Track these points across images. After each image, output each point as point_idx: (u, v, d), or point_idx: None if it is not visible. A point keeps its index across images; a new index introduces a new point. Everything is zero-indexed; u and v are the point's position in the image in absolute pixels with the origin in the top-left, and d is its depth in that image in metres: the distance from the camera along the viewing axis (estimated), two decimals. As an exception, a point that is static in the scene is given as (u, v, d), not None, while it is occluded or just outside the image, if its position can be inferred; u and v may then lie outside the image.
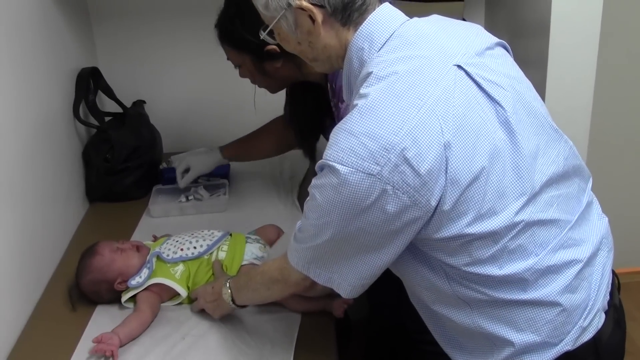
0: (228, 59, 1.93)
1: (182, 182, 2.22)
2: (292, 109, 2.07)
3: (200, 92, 2.60)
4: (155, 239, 1.91)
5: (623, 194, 3.02)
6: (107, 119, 2.35)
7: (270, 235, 1.88)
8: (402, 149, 1.10)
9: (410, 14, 1.37)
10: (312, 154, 2.12)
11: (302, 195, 2.13)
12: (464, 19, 2.41)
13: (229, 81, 2.50)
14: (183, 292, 1.68)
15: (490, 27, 2.52)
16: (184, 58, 2.55)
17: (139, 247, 1.76)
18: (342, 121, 1.17)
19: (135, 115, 2.40)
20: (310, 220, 1.23)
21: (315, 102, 1.94)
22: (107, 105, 2.44)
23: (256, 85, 1.98)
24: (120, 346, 1.54)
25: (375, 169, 1.11)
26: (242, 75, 1.96)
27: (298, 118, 2.05)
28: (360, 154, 1.11)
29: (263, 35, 1.37)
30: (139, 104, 2.49)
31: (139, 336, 1.59)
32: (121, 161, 2.23)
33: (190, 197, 2.22)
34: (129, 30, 2.50)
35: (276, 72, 1.82)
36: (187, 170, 2.24)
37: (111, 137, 2.24)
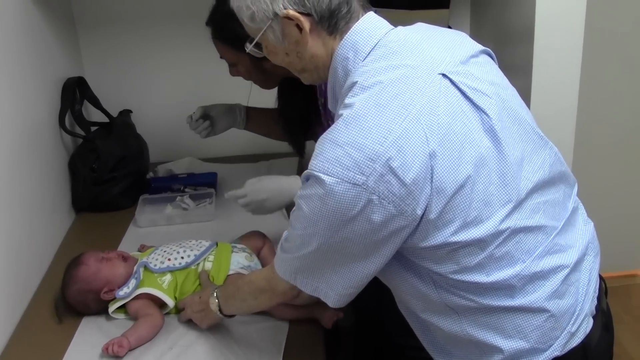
0: (221, 57, 1.93)
1: (199, 128, 2.16)
2: (282, 104, 2.07)
3: (187, 101, 2.58)
4: (143, 248, 1.90)
5: (609, 198, 3.04)
6: (93, 128, 2.34)
7: (255, 242, 1.88)
8: (387, 159, 1.11)
9: (396, 22, 1.38)
10: (301, 149, 2.12)
11: (290, 203, 2.13)
12: (449, 27, 2.41)
13: (215, 90, 2.51)
14: (170, 302, 1.68)
15: (476, 35, 2.53)
16: (170, 67, 2.55)
17: (125, 257, 1.75)
18: (327, 131, 1.18)
19: (121, 125, 2.39)
20: (297, 230, 1.24)
21: (304, 98, 1.94)
22: (94, 114, 2.43)
23: (252, 83, 1.99)
24: (130, 349, 1.55)
25: (360, 179, 1.11)
26: (234, 73, 1.95)
27: (287, 113, 2.05)
28: (345, 164, 1.12)
29: (249, 48, 1.37)
30: (126, 113, 2.48)
31: (151, 340, 1.60)
32: (108, 171, 2.23)
33: (177, 207, 2.21)
34: (115, 40, 2.50)
35: (275, 69, 1.78)
36: (204, 118, 2.17)
37: (97, 147, 2.23)
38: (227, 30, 1.80)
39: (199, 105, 2.18)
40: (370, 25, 1.29)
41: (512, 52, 2.15)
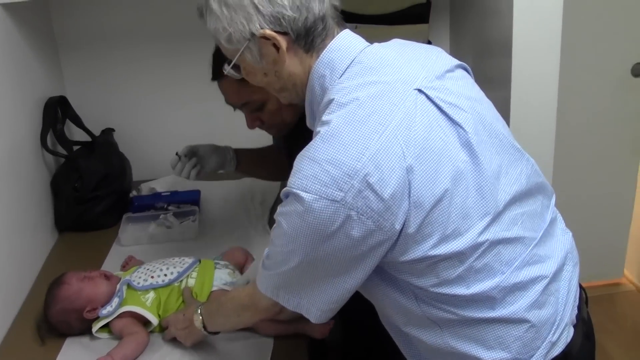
0: (243, 105, 1.75)
1: (184, 171, 1.94)
2: (290, 137, 1.88)
3: (169, 120, 2.60)
4: (131, 259, 1.92)
5: (592, 207, 3.06)
6: (75, 147, 2.34)
7: (237, 259, 1.88)
8: (364, 175, 1.12)
9: (376, 38, 1.39)
10: None
11: (273, 220, 2.13)
12: (429, 41, 2.44)
13: (197, 108, 2.52)
14: (154, 320, 1.67)
15: (456, 49, 2.56)
16: (152, 86, 2.55)
17: (108, 276, 1.75)
18: (305, 148, 1.19)
19: (104, 144, 2.39)
20: (277, 247, 1.24)
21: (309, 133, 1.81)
22: (76, 133, 2.43)
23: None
24: None
25: (338, 195, 1.12)
26: (256, 120, 1.77)
27: (293, 145, 1.90)
28: (323, 181, 1.12)
29: (227, 69, 1.37)
30: (108, 132, 2.48)
31: (137, 358, 1.60)
32: (90, 190, 2.22)
33: (160, 225, 2.21)
34: (96, 59, 2.50)
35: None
36: (190, 156, 1.97)
37: (80, 166, 2.23)
38: None
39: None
40: (346, 43, 1.30)
41: (491, 65, 2.17)
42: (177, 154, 1.97)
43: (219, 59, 1.65)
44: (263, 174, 2.20)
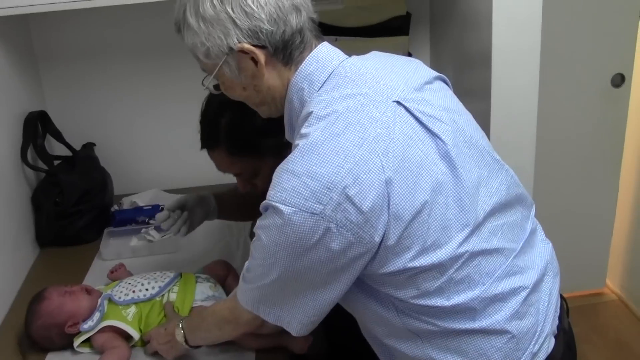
0: (238, 173, 1.70)
1: (174, 227, 1.83)
2: None
3: (151, 134, 2.59)
4: (120, 267, 1.92)
5: (574, 218, 3.07)
6: (56, 162, 2.32)
7: (219, 271, 1.87)
8: (343, 187, 1.12)
9: (356, 50, 1.39)
10: None
11: (254, 233, 2.13)
12: (410, 53, 2.45)
13: (178, 121, 2.51)
14: (135, 334, 1.66)
15: (436, 60, 2.57)
16: (133, 100, 2.55)
17: (89, 290, 1.74)
18: (284, 161, 1.19)
19: (85, 158, 2.38)
20: (257, 261, 1.24)
21: None
22: (57, 148, 2.42)
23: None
24: None
25: (318, 208, 1.12)
26: (249, 185, 1.72)
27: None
28: (302, 194, 1.12)
29: (206, 85, 1.37)
30: (89, 146, 2.46)
31: None
32: (71, 204, 2.21)
33: (142, 239, 2.20)
34: (76, 73, 2.49)
35: None
36: (178, 210, 1.88)
37: (61, 181, 2.22)
38: (242, 139, 1.60)
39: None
40: (324, 55, 1.30)
41: (471, 77, 2.18)
42: (164, 208, 1.86)
43: (207, 126, 1.65)
44: (240, 218, 2.11)
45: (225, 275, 1.87)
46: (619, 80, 2.83)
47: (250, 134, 1.57)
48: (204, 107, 1.66)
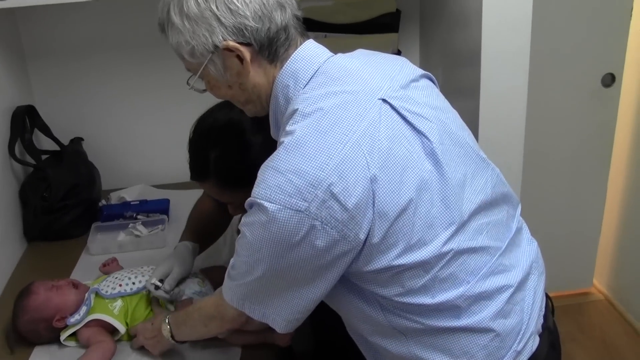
0: (225, 201, 1.67)
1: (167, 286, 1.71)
2: None
3: (139, 129, 2.59)
4: (113, 261, 1.92)
5: (561, 217, 3.09)
6: (44, 157, 2.32)
7: (216, 278, 1.86)
8: (328, 185, 1.12)
9: (345, 47, 1.39)
10: None
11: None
12: (399, 51, 2.45)
13: (166, 117, 2.51)
14: (121, 328, 1.67)
15: (425, 58, 2.57)
16: (121, 95, 2.54)
17: (76, 284, 1.74)
18: (269, 159, 1.19)
19: (73, 153, 2.37)
20: (242, 258, 1.24)
21: None
22: (44, 143, 2.41)
23: None
24: None
25: (302, 205, 1.12)
26: (238, 211, 1.69)
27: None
28: (287, 191, 1.12)
29: (191, 85, 1.36)
30: (77, 141, 2.46)
31: None
32: (59, 199, 2.20)
33: (129, 234, 2.20)
34: (65, 68, 2.48)
35: None
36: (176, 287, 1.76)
37: (48, 175, 2.21)
38: (232, 174, 1.55)
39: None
40: (309, 53, 1.30)
41: (461, 75, 2.18)
42: (160, 288, 1.71)
43: (196, 158, 1.61)
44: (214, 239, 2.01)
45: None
46: (610, 80, 2.84)
47: (240, 168, 1.51)
48: (192, 136, 1.62)
